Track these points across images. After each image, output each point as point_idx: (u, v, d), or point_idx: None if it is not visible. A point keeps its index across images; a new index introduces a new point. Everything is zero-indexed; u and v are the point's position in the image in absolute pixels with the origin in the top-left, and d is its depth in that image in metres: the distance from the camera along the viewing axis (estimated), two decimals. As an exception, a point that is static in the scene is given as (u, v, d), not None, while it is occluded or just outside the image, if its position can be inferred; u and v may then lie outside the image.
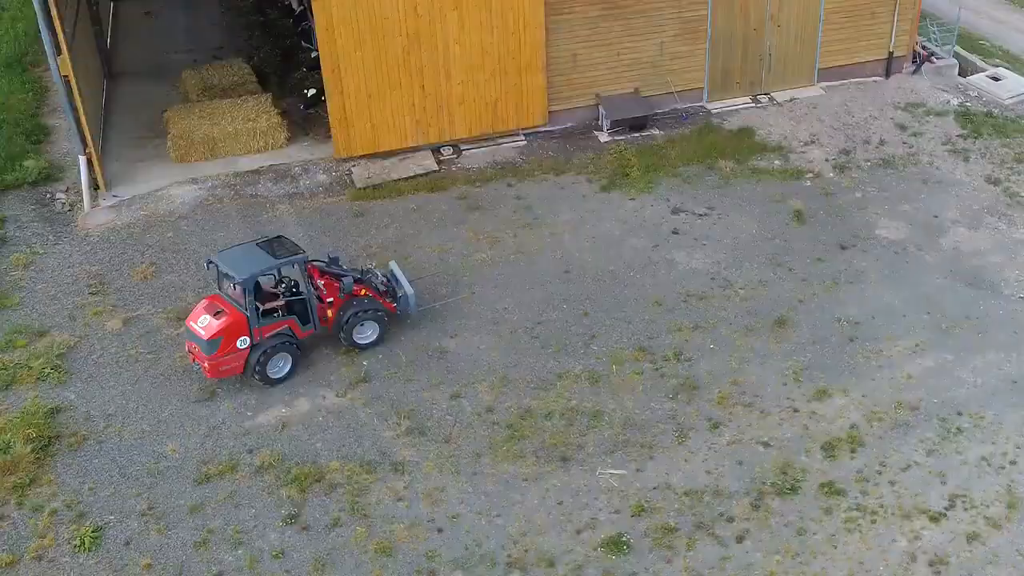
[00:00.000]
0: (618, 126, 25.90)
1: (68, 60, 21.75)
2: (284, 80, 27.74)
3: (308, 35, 26.87)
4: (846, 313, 20.25)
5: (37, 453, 16.77)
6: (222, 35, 30.61)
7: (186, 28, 31.56)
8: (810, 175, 24.57)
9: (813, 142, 25.84)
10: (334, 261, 19.00)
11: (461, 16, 23.69)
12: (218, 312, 17.71)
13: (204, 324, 17.60)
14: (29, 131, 25.51)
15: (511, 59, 24.60)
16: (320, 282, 18.64)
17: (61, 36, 21.58)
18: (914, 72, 28.88)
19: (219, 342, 17.51)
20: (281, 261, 17.89)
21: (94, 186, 23.10)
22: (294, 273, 18.39)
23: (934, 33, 29.75)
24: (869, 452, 17.22)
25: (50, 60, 21.95)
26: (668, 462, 17.02)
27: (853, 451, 17.24)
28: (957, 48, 29.92)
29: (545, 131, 25.91)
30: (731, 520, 16.03)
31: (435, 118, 24.63)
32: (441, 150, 25.09)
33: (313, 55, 25.21)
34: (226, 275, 17.73)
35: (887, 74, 28.59)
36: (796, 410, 18.05)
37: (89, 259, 21.33)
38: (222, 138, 24.21)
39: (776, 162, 25.02)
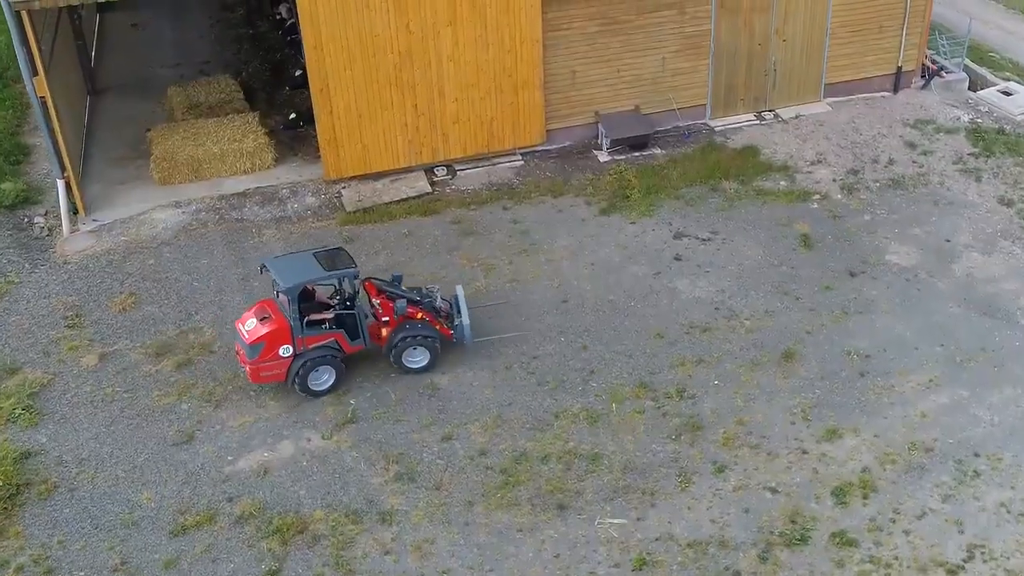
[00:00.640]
0: (618, 145, 25.02)
1: (44, 81, 20.84)
2: (273, 97, 26.89)
3: (299, 47, 25.97)
4: (856, 345, 19.39)
5: (4, 503, 15.85)
6: (210, 48, 29.72)
7: (173, 41, 30.60)
8: (817, 197, 23.71)
9: (820, 161, 24.97)
10: (397, 280, 18.56)
11: (455, 33, 22.81)
12: (265, 317, 17.46)
13: (250, 328, 17.41)
14: (8, 151, 24.55)
15: (507, 76, 23.72)
16: (376, 300, 18.12)
17: (37, 56, 20.66)
18: (923, 87, 28.02)
19: (261, 347, 17.22)
20: (330, 273, 17.47)
21: (73, 210, 22.20)
22: (351, 287, 17.94)
23: (943, 46, 28.88)
24: (882, 498, 16.35)
25: (26, 81, 21.02)
26: (671, 510, 16.14)
27: (865, 497, 16.37)
28: (967, 61, 29.06)
29: (543, 150, 25.03)
30: (737, 574, 15.15)
31: (428, 138, 23.76)
32: (435, 171, 24.20)
33: (298, 73, 24.34)
34: (274, 281, 17.37)
35: (895, 89, 27.73)
36: (805, 452, 17.19)
37: (66, 289, 20.43)
38: (207, 159, 23.30)
39: (782, 183, 24.16)
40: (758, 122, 26.49)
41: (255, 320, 17.48)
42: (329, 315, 17.78)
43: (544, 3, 23.28)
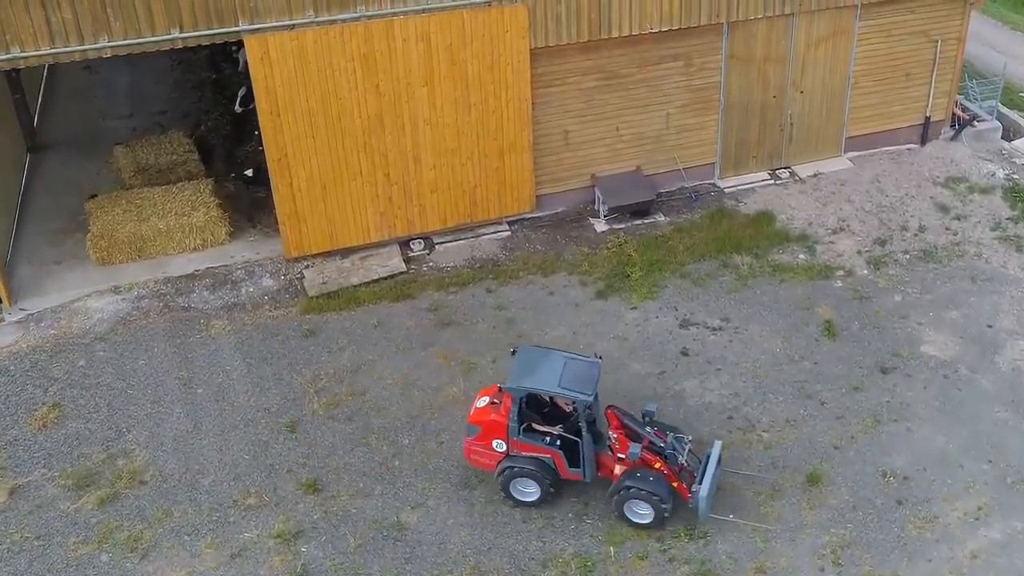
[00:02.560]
0: (616, 212, 22.35)
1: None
2: (233, 154, 24.21)
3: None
4: (891, 464, 16.79)
5: None
6: (168, 95, 27.02)
7: (129, 86, 27.81)
8: (841, 272, 21.07)
9: (843, 229, 22.31)
10: (648, 415, 16.03)
11: (432, 93, 20.14)
12: (496, 403, 16.05)
13: (479, 406, 16.16)
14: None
15: (491, 139, 21.06)
16: (614, 434, 15.76)
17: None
18: (953, 138, 25.37)
19: (477, 431, 15.92)
20: (557, 391, 15.52)
21: (-4, 299, 19.58)
22: (595, 410, 15.84)
23: (972, 89, 26.21)
24: (931, 674, 13.77)
25: (-64, 157, 18.38)
26: None
27: (911, 673, 13.78)
28: (999, 106, 26.41)
29: (532, 218, 22.37)
30: None
31: (403, 209, 21.09)
32: (411, 244, 21.54)
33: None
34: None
35: (923, 141, 25.10)
36: (838, 610, 14.58)
37: (-19, 398, 17.81)
38: (151, 236, 20.56)
39: (801, 256, 21.50)
40: (772, 182, 23.85)
41: (487, 400, 16.14)
42: (552, 431, 15.83)
43: (533, 58, 20.63)
